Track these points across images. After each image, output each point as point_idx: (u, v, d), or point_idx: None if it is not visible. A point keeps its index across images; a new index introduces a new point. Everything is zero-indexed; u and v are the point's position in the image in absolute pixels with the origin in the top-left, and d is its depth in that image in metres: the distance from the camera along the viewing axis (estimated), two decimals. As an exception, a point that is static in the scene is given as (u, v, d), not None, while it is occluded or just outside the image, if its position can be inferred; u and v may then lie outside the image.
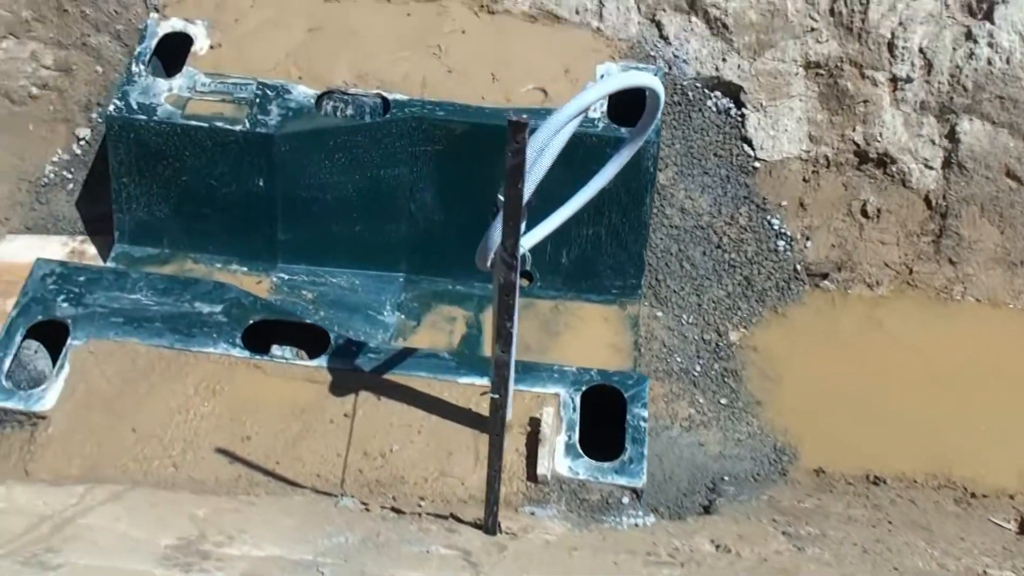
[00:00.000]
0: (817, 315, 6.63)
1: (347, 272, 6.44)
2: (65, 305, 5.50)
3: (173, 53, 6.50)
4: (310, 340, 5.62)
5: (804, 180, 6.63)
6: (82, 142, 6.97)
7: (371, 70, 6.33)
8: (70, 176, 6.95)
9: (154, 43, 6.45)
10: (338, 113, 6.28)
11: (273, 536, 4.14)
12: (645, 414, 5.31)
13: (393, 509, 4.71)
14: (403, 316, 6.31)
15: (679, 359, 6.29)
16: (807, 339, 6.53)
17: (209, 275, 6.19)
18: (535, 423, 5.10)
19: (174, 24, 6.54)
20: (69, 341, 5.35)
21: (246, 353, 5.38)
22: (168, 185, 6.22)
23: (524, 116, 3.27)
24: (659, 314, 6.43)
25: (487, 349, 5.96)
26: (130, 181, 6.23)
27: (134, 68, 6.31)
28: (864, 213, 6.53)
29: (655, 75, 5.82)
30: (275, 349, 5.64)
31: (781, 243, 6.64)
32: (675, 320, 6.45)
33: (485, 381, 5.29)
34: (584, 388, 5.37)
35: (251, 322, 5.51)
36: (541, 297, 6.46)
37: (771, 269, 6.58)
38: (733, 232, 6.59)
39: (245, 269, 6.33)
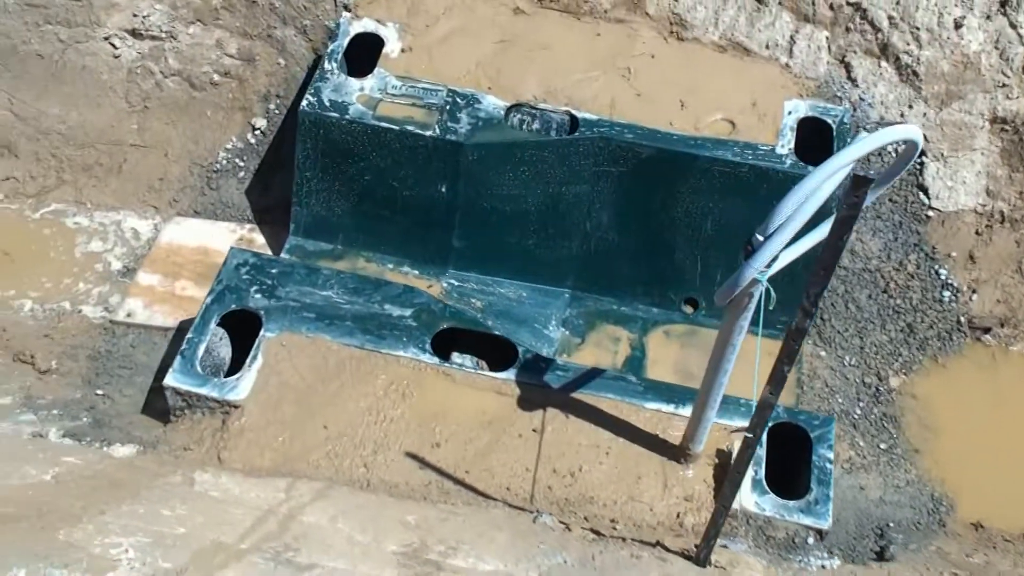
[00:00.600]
0: (977, 368, 6.59)
1: (515, 284, 6.49)
2: (258, 296, 5.58)
3: (360, 53, 6.56)
4: (488, 350, 5.66)
5: (977, 233, 6.60)
6: (257, 132, 7.05)
7: (560, 87, 6.38)
8: (242, 164, 7.04)
9: (346, 42, 6.52)
10: (524, 127, 6.33)
11: (493, 550, 4.17)
12: (831, 455, 5.31)
13: (592, 531, 4.74)
14: (567, 332, 6.35)
15: (840, 400, 6.28)
16: (966, 391, 6.50)
17: (380, 274, 6.24)
18: (723, 455, 5.12)
19: (366, 24, 6.62)
20: (262, 332, 5.43)
21: (435, 360, 5.42)
22: (350, 183, 6.29)
23: (870, 172, 3.27)
24: (823, 353, 6.43)
25: (650, 373, 5.99)
26: (313, 176, 6.30)
27: (327, 65, 6.39)
28: (1034, 272, 6.51)
29: (845, 115, 5.86)
30: (455, 357, 5.68)
31: (947, 293, 6.61)
32: (837, 361, 6.44)
33: (672, 408, 5.32)
34: (771, 424, 5.37)
35: (440, 329, 5.54)
36: (704, 325, 6.46)
37: (934, 318, 6.56)
38: (900, 278, 6.57)
39: (417, 272, 6.39)
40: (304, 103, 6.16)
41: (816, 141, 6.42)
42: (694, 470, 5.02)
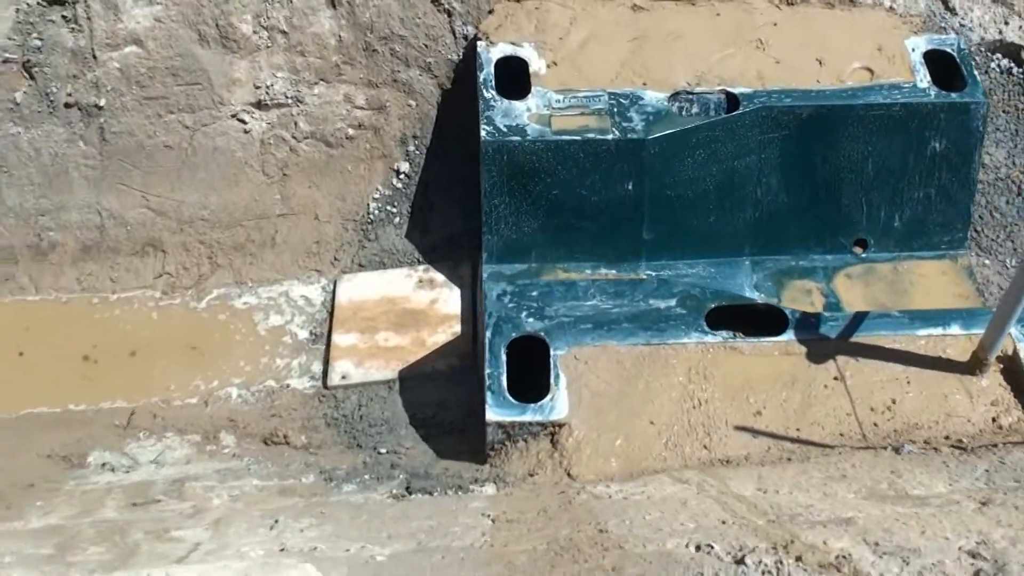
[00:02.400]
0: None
1: (702, 262, 6.82)
2: (531, 320, 5.79)
3: (499, 76, 6.81)
4: (739, 322, 6.00)
5: (1082, 125, 7.24)
6: (402, 176, 7.20)
7: (705, 69, 6.75)
8: (394, 210, 7.19)
9: (492, 68, 6.74)
10: (683, 112, 6.67)
11: (919, 477, 4.52)
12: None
13: (954, 446, 5.14)
14: (763, 295, 6.72)
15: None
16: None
17: (580, 280, 6.49)
18: (1005, 359, 5.58)
19: (504, 49, 6.84)
20: (553, 352, 5.64)
21: (718, 338, 5.74)
22: (538, 200, 6.53)
23: None
24: (987, 262, 6.97)
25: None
26: (500, 202, 6.52)
27: (486, 94, 6.61)
28: None
29: (959, 41, 6.42)
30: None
31: (1068, 185, 7.24)
32: (1000, 265, 7.00)
33: (940, 331, 5.76)
34: (1033, 326, 5.85)
35: (711, 308, 5.86)
36: (877, 261, 6.93)
37: (1064, 210, 7.18)
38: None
39: (613, 271, 6.67)
40: (483, 134, 6.36)
41: (935, 70, 6.94)
42: (987, 379, 5.47)
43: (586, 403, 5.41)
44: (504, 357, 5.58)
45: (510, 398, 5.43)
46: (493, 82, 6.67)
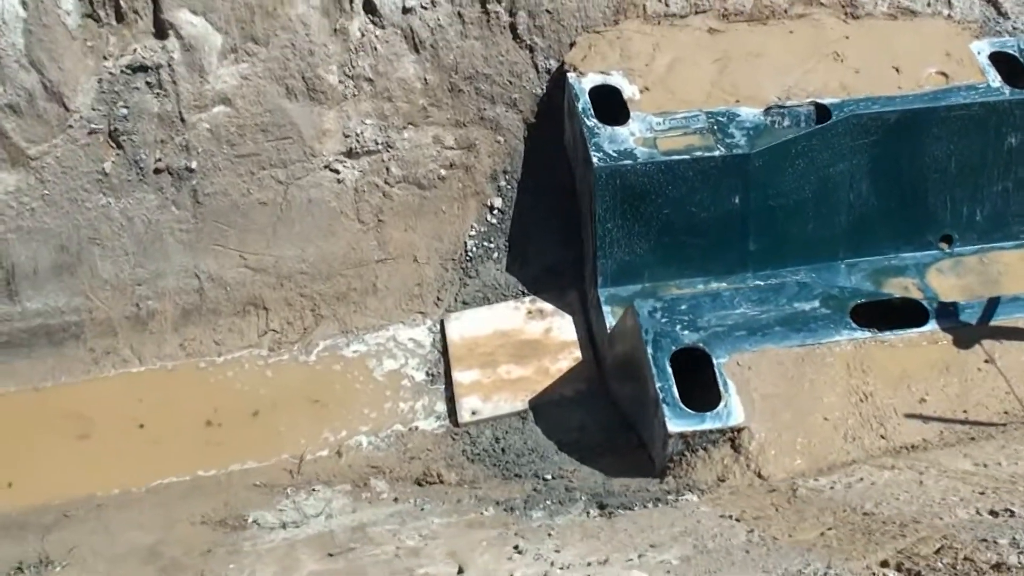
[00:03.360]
0: None
1: (803, 268, 7.04)
2: (687, 332, 5.92)
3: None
4: (879, 316, 6.22)
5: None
6: (496, 211, 7.30)
7: (791, 83, 7.01)
8: (491, 245, 7.27)
9: (588, 97, 6.91)
10: (777, 126, 6.91)
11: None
12: None
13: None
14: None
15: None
16: None
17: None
18: None
19: (595, 79, 7.02)
20: (716, 361, 5.78)
21: (867, 333, 5.94)
22: (650, 221, 6.69)
23: None
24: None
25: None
26: (614, 226, 6.67)
27: (588, 122, 6.78)
28: None
29: (1020, 41, 6.80)
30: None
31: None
32: None
33: (1076, 309, 6.03)
34: None
35: (853, 305, 6.07)
36: (963, 255, 7.24)
37: None
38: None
39: (724, 284, 6.85)
40: (595, 160, 6.51)
41: (1000, 70, 7.31)
42: None
43: (759, 406, 5.54)
44: (670, 370, 5.68)
45: (687, 409, 5.53)
46: (592, 111, 6.80)
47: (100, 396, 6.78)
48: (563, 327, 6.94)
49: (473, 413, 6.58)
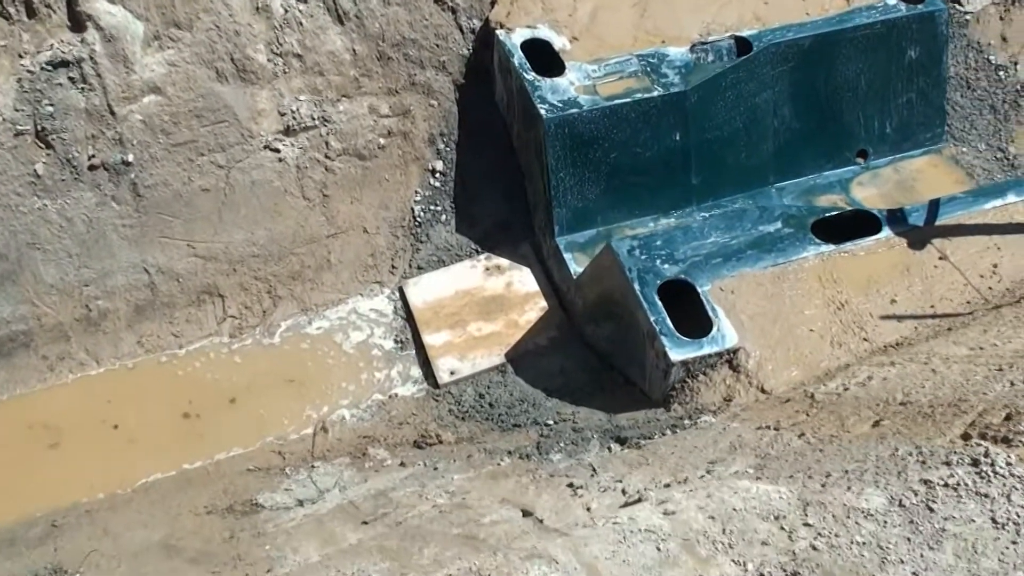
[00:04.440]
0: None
1: (739, 196, 7.40)
2: (667, 266, 6.17)
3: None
4: (833, 229, 6.61)
5: (1000, 19, 8.32)
6: (437, 174, 7.40)
7: (709, 20, 7.34)
8: (439, 208, 7.38)
9: (521, 53, 7.07)
10: (702, 62, 7.23)
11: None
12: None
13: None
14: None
15: (1000, 179, 7.80)
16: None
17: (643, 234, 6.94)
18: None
19: (524, 33, 7.18)
20: (700, 289, 6.05)
21: (830, 246, 6.31)
22: (599, 167, 6.91)
23: None
24: (964, 149, 7.92)
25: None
26: (566, 175, 6.87)
27: (528, 76, 6.93)
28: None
29: None
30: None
31: (1000, 73, 8.31)
32: (974, 150, 7.97)
33: (1002, 201, 6.53)
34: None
35: (812, 222, 6.43)
36: (878, 167, 7.74)
37: (1004, 93, 8.24)
38: (971, 75, 8.18)
39: (672, 220, 7.15)
40: (543, 112, 6.68)
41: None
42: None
43: (748, 326, 5.83)
44: (659, 302, 5.91)
45: (684, 338, 5.77)
46: (528, 65, 6.94)
47: (62, 403, 6.59)
48: (523, 279, 7.08)
49: (452, 373, 6.67)
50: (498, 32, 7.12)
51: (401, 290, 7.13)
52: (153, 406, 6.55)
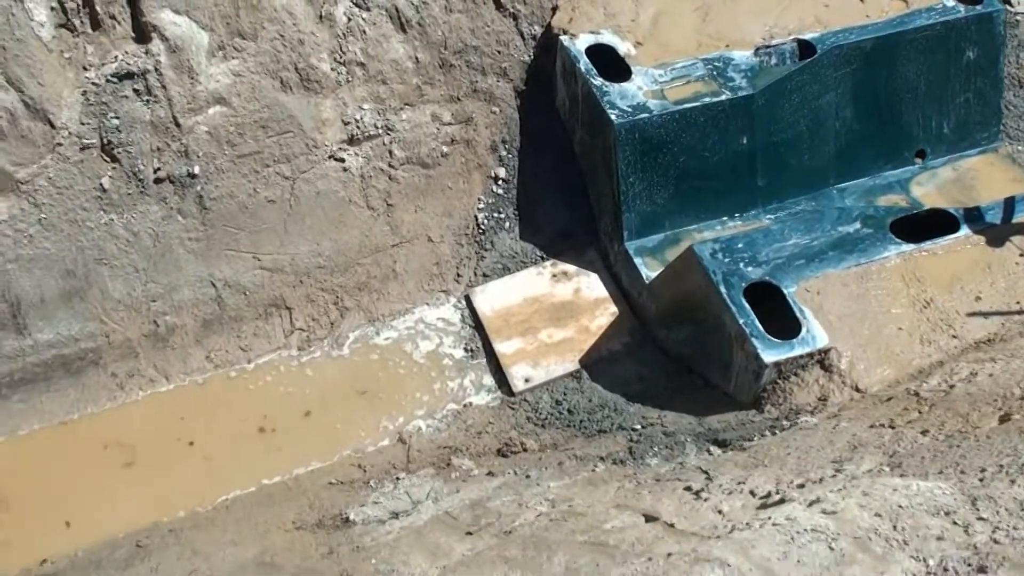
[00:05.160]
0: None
1: (803, 198, 7.40)
2: (750, 268, 6.15)
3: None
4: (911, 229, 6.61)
5: (1049, 20, 8.36)
6: (500, 182, 7.36)
7: (771, 23, 7.34)
8: (502, 215, 7.34)
9: (586, 59, 7.05)
10: (766, 65, 7.22)
11: None
12: None
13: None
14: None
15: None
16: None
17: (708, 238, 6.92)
18: None
19: (587, 39, 7.16)
20: (786, 291, 6.04)
21: (911, 246, 6.31)
22: (667, 171, 6.90)
23: None
24: (1020, 147, 7.95)
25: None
26: (636, 179, 6.85)
27: (595, 82, 6.91)
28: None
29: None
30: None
31: (1050, 71, 8.34)
32: (1035, 143, 7.99)
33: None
34: None
35: (891, 222, 6.43)
36: (936, 167, 7.75)
37: (1056, 92, 8.27)
38: (1022, 74, 8.21)
39: (740, 222, 7.14)
40: (613, 117, 6.66)
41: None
42: None
43: (836, 326, 5.82)
44: (747, 305, 5.89)
45: (775, 339, 5.75)
46: (595, 70, 6.92)
47: (134, 421, 6.51)
48: (591, 285, 7.05)
49: (527, 380, 6.63)
50: (562, 38, 7.10)
51: (468, 298, 7.07)
52: (227, 421, 6.47)
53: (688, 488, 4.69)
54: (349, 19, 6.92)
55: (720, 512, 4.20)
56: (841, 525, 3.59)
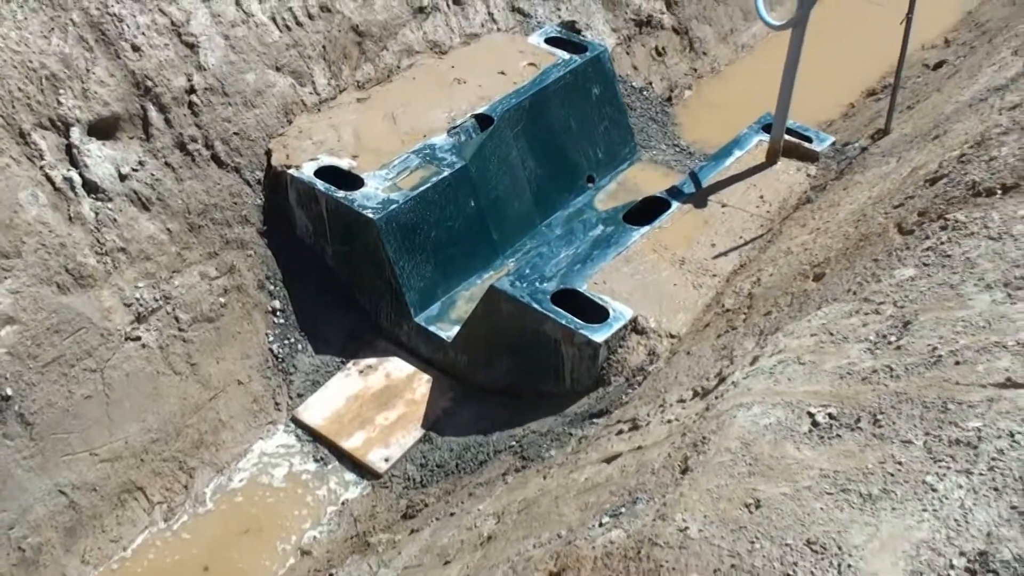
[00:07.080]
0: None
1: (524, 239, 8.83)
2: (546, 284, 7.34)
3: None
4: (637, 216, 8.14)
5: (627, 53, 10.48)
6: (279, 312, 8.10)
7: (448, 110, 8.76)
8: (292, 339, 8.09)
9: (320, 181, 8.07)
10: (460, 141, 8.63)
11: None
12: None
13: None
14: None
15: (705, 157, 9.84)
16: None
17: (476, 296, 8.11)
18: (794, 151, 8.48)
19: (311, 166, 8.17)
20: (582, 289, 7.31)
21: (646, 227, 7.81)
22: (425, 247, 8.01)
23: None
24: (654, 152, 9.93)
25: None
26: (405, 262, 7.89)
27: (338, 195, 7.93)
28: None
29: (558, 31, 9.27)
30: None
31: (644, 93, 10.46)
32: (660, 150, 9.99)
33: (739, 152, 8.44)
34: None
35: (622, 216, 7.92)
36: (605, 185, 9.50)
37: (652, 106, 10.39)
38: (629, 100, 10.25)
39: (491, 272, 8.41)
40: (371, 215, 7.63)
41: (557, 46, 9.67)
42: (781, 162, 8.29)
43: (631, 300, 7.13)
44: (560, 309, 7.06)
45: (597, 326, 6.96)
46: (333, 188, 7.90)
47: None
48: (397, 366, 7.90)
49: (386, 460, 7.34)
50: (290, 171, 7.97)
51: (295, 419, 7.64)
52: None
53: (620, 432, 5.68)
54: (97, 213, 7.37)
55: (670, 422, 5.24)
56: (785, 370, 4.79)
